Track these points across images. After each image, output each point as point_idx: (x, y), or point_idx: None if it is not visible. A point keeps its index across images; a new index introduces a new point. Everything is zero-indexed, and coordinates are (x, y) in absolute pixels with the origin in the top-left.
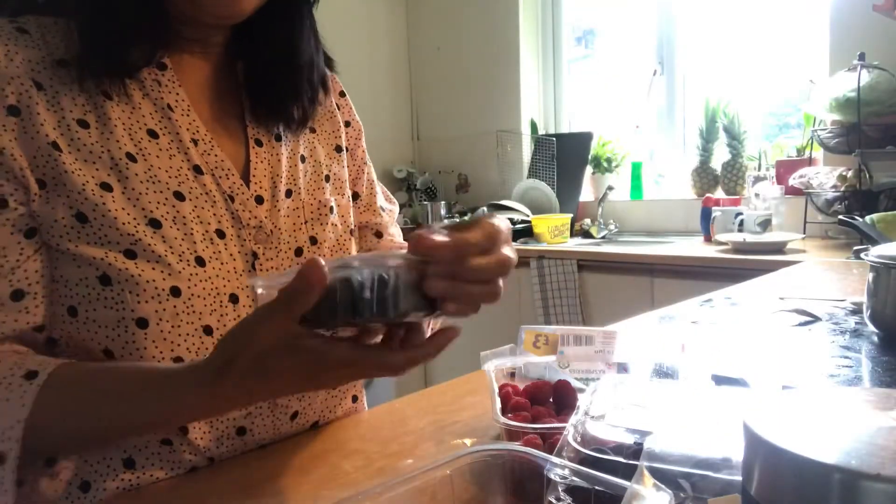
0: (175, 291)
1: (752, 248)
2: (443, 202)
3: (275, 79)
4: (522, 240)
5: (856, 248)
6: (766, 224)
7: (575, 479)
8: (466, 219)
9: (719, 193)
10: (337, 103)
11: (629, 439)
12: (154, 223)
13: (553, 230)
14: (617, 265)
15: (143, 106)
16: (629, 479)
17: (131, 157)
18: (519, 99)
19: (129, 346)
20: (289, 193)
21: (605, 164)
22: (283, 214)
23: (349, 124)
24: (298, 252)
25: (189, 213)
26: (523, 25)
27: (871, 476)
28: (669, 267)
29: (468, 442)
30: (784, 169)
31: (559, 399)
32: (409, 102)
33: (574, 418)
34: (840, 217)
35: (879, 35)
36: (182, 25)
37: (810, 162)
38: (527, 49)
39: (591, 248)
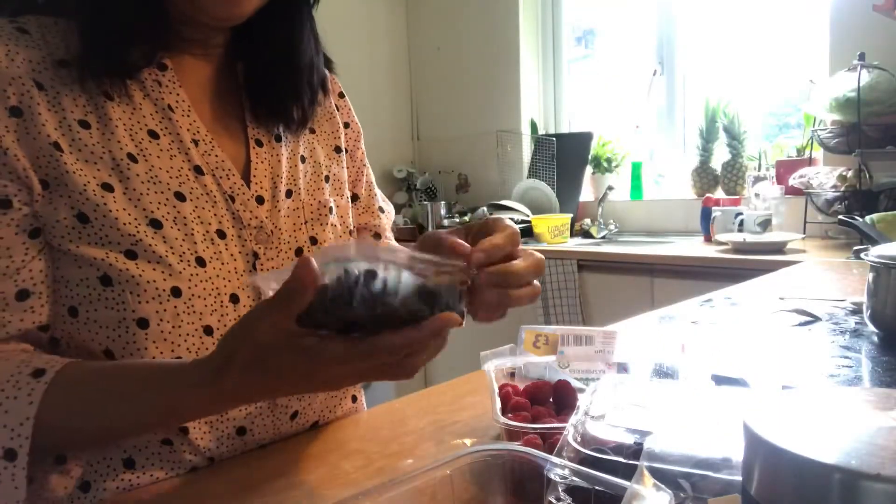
0: (176, 292)
1: (752, 248)
2: (443, 202)
3: (275, 79)
4: (522, 240)
5: (856, 248)
6: (766, 224)
7: (575, 479)
8: (468, 219)
9: (719, 193)
10: (336, 104)
11: (629, 439)
12: (155, 223)
13: (553, 230)
14: (617, 265)
15: (143, 106)
16: (629, 479)
17: (132, 158)
18: (519, 99)
19: (130, 347)
20: (289, 194)
21: (605, 164)
22: (283, 215)
23: (348, 126)
24: (299, 252)
25: (190, 214)
26: (523, 25)
27: (871, 476)
28: (669, 267)
29: (468, 442)
30: (784, 169)
31: (559, 399)
32: (409, 102)
33: (574, 418)
34: (840, 217)
35: (879, 35)
36: (182, 26)
37: (810, 162)
38: (527, 49)
39: (591, 248)
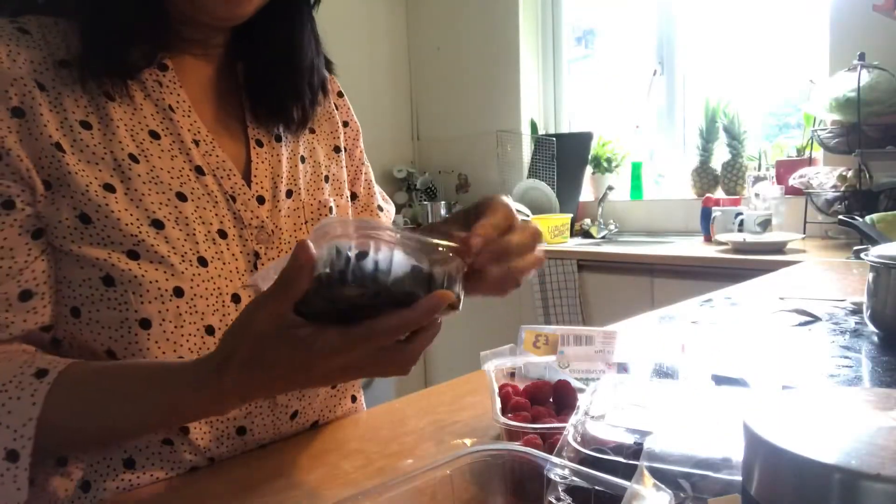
0: (178, 292)
1: (752, 248)
2: (443, 202)
3: (275, 80)
4: None
5: (856, 248)
6: (766, 224)
7: (575, 479)
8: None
9: (719, 193)
10: (335, 104)
11: (629, 439)
12: (157, 224)
13: (553, 230)
14: (617, 265)
15: (144, 107)
16: (629, 479)
17: (133, 158)
18: (519, 99)
19: (132, 347)
20: (289, 194)
21: (605, 164)
22: (283, 215)
23: (347, 124)
24: None
25: (191, 214)
26: (523, 25)
27: (871, 476)
28: (669, 267)
29: (468, 442)
30: (784, 169)
31: (559, 399)
32: (409, 102)
33: (574, 418)
34: (840, 217)
35: (879, 35)
36: (182, 26)
37: (810, 162)
38: (527, 49)
39: (591, 248)
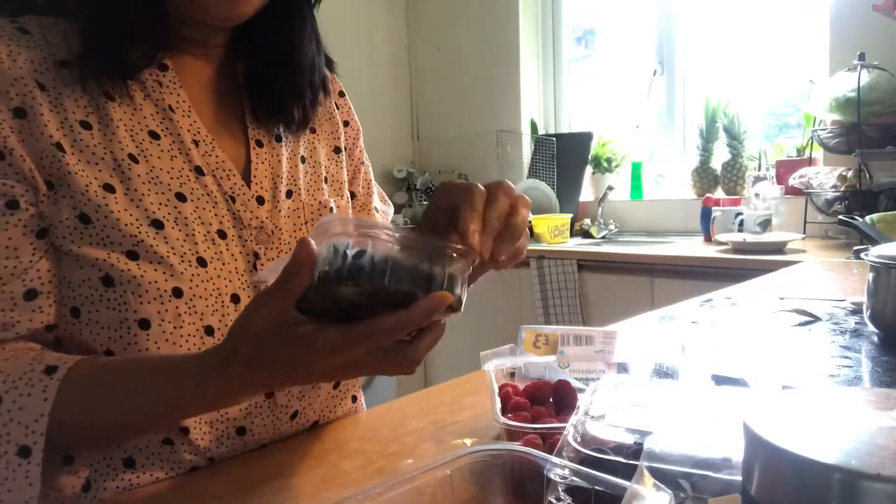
0: (177, 292)
1: (752, 248)
2: None
3: (275, 80)
4: None
5: (856, 248)
6: (766, 224)
7: (575, 479)
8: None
9: (719, 193)
10: (336, 103)
11: (629, 439)
12: (156, 224)
13: (553, 230)
14: (617, 265)
15: (144, 107)
16: (629, 479)
17: (133, 159)
18: (519, 99)
19: (132, 347)
20: (289, 194)
21: (605, 164)
22: (283, 215)
23: (347, 124)
24: None
25: (191, 214)
26: (523, 25)
27: (871, 476)
28: (669, 267)
29: (468, 442)
30: (784, 169)
31: (559, 399)
32: (409, 102)
33: (574, 418)
34: (840, 217)
35: (879, 35)
36: (182, 26)
37: (810, 162)
38: (527, 49)
39: (591, 248)
